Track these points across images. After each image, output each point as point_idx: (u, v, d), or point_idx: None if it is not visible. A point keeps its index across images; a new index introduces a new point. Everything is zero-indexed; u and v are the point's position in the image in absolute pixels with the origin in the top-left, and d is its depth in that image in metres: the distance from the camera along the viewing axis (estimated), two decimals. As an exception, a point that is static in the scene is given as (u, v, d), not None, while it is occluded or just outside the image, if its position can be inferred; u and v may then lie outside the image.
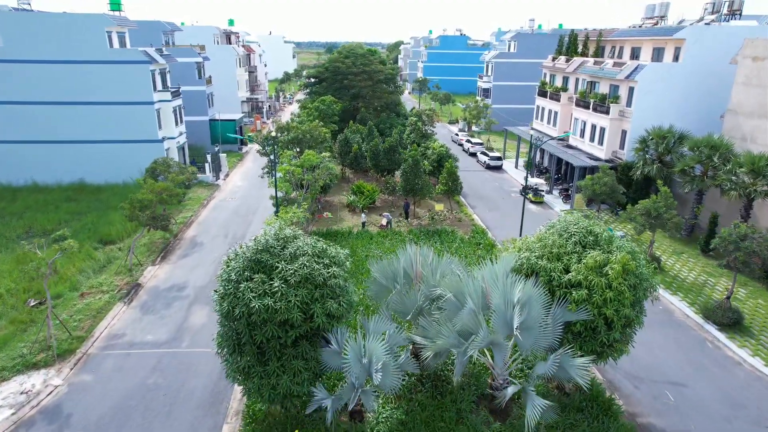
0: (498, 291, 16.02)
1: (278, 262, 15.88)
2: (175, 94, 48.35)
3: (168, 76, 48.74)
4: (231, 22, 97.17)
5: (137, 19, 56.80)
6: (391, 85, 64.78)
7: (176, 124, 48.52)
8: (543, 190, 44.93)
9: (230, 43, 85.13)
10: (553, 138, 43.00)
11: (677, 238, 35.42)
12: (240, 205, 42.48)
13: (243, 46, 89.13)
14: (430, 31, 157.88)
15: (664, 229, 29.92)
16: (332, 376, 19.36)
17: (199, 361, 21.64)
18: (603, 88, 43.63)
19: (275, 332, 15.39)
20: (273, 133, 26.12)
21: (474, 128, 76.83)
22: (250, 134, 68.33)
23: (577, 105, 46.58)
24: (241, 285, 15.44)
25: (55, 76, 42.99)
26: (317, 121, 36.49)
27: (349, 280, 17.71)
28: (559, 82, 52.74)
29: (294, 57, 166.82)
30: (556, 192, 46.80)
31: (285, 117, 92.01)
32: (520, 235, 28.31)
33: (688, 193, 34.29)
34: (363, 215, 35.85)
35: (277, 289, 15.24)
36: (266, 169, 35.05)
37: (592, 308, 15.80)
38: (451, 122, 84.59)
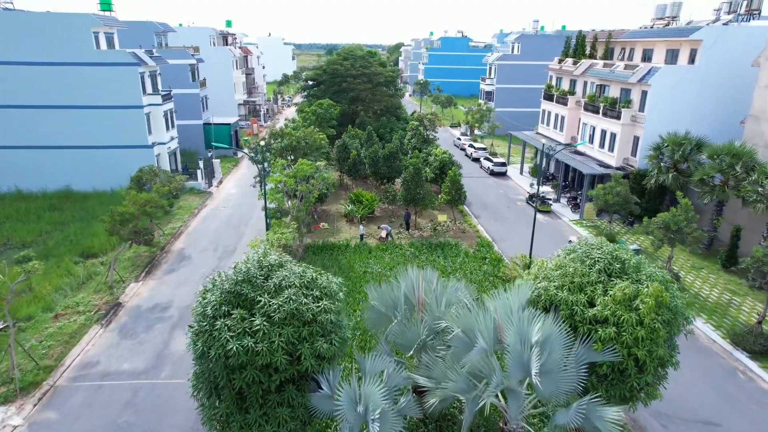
0: (513, 328, 13.96)
1: (261, 295, 13.82)
2: (166, 98, 46.37)
3: (159, 79, 46.76)
4: (229, 24, 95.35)
5: (128, 19, 54.93)
6: (392, 88, 62.80)
7: (167, 128, 46.53)
8: (551, 199, 42.87)
9: (227, 45, 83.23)
10: (566, 146, 40.78)
11: (696, 253, 33.33)
12: (232, 214, 40.44)
13: (240, 47, 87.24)
14: (431, 33, 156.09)
15: (683, 243, 27.89)
16: (323, 417, 17.28)
17: (178, 394, 19.57)
18: (613, 92, 41.60)
19: (256, 377, 13.34)
20: (262, 142, 24.11)
21: (476, 132, 74.79)
22: (246, 138, 66.41)
23: (586, 109, 44.56)
24: (218, 322, 13.39)
25: (39, 78, 41.04)
26: (312, 126, 34.40)
27: (342, 312, 15.63)
28: (566, 86, 50.72)
29: (294, 59, 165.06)
30: (564, 200, 44.74)
31: (283, 120, 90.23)
32: (531, 251, 26.26)
33: (707, 204, 32.22)
34: (361, 227, 33.81)
35: (258, 327, 13.20)
36: (257, 178, 33.02)
37: (621, 348, 13.74)
38: (453, 125, 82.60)
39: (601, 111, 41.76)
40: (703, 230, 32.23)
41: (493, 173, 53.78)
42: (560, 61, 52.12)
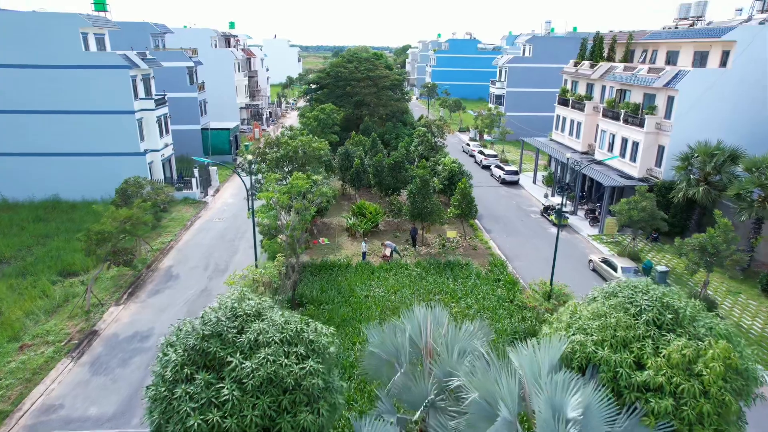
0: (543, 395, 11.25)
1: (232, 354, 11.23)
2: (160, 102, 44.00)
3: (152, 82, 44.41)
4: (232, 25, 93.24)
5: (124, 20, 52.78)
6: (398, 92, 60.19)
7: (161, 134, 44.16)
8: (567, 212, 40.02)
9: (229, 47, 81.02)
10: (596, 162, 37.69)
11: (733, 276, 30.40)
12: (228, 227, 37.94)
13: (243, 49, 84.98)
14: (439, 35, 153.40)
15: (721, 267, 25.03)
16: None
17: (148, 449, 16.97)
18: (635, 97, 38.74)
19: (224, 460, 10.74)
20: (250, 156, 21.61)
21: (486, 137, 72.01)
22: (246, 143, 64.03)
23: (605, 116, 41.71)
24: (178, 389, 10.81)
25: (24, 81, 38.80)
26: (311, 135, 31.80)
27: (334, 370, 13.00)
28: (582, 90, 47.88)
29: (299, 61, 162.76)
30: (581, 213, 41.88)
31: (287, 124, 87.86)
32: (552, 278, 23.51)
33: (744, 221, 29.31)
34: (364, 244, 31.17)
35: (227, 396, 10.61)
36: (251, 192, 30.54)
37: (680, 426, 11.00)
38: (461, 130, 79.86)
39: (621, 118, 38.92)
40: (739, 249, 29.34)
41: (504, 182, 50.99)
42: (576, 64, 49.30)
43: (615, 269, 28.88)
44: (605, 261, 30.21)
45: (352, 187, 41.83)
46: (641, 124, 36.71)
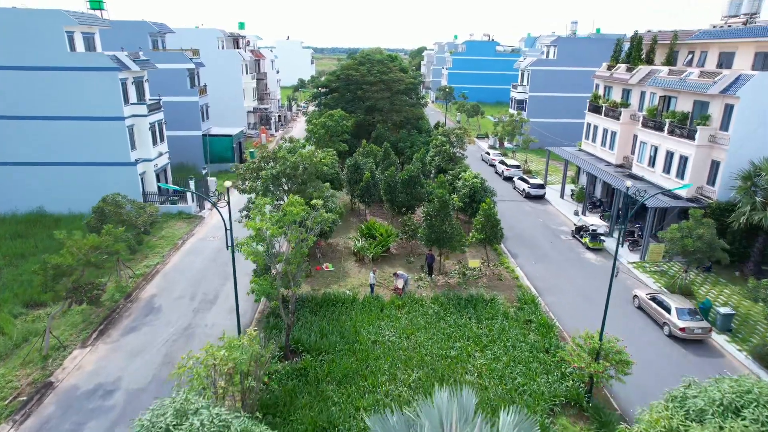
0: None
1: None
2: (154, 108, 40.41)
3: (146, 86, 40.83)
4: (242, 26, 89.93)
5: (119, 19, 49.48)
6: (413, 96, 56.08)
7: (155, 142, 40.56)
8: (602, 233, 35.48)
9: (238, 48, 77.66)
10: (664, 192, 32.86)
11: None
12: (221, 247, 34.01)
13: (251, 50, 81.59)
14: (455, 36, 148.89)
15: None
16: None
17: None
18: (683, 105, 34.16)
19: None
20: (228, 183, 17.63)
21: (506, 145, 67.53)
22: (251, 150, 60.42)
23: (645, 125, 37.15)
24: None
25: (3, 85, 35.44)
26: (313, 147, 27.72)
27: None
28: (617, 96, 43.31)
29: (312, 63, 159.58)
30: (617, 235, 37.27)
31: (297, 128, 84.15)
32: (603, 325, 19.17)
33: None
34: (372, 275, 27.01)
35: None
36: (244, 212, 26.56)
37: None
38: (479, 137, 75.38)
39: (666, 128, 34.35)
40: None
41: (529, 196, 46.53)
42: (610, 68, 44.73)
43: (668, 310, 24.40)
44: (654, 299, 25.73)
45: (361, 203, 37.77)
46: (691, 136, 32.14)
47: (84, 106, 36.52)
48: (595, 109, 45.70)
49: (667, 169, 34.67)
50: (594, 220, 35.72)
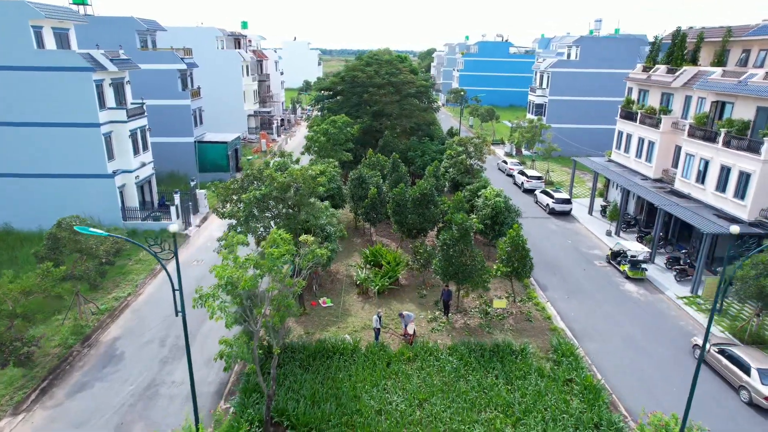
0: None
1: None
2: (136, 113, 36.14)
3: (127, 88, 36.59)
4: (244, 25, 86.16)
5: (103, 15, 45.36)
6: (425, 100, 51.47)
7: (136, 152, 36.29)
8: (644, 260, 30.61)
9: (239, 48, 73.57)
10: (719, 214, 28.03)
11: None
12: (205, 275, 29.64)
13: (254, 51, 77.47)
14: (467, 37, 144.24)
15: None
16: None
17: None
18: (742, 112, 29.31)
19: None
20: (173, 228, 13.51)
21: (524, 152, 62.77)
22: (249, 157, 56.17)
23: (692, 135, 32.32)
24: None
25: (-38, 87, 31.38)
26: (309, 163, 22.99)
27: None
28: (654, 101, 38.45)
29: (320, 64, 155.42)
30: (659, 260, 32.48)
31: (301, 133, 79.72)
32: (687, 415, 14.43)
33: None
34: (376, 319, 22.37)
35: None
36: (221, 241, 21.84)
37: None
38: (494, 143, 70.47)
39: (721, 139, 29.52)
40: None
41: (553, 212, 41.73)
42: (646, 69, 39.89)
43: (746, 370, 19.59)
44: (725, 352, 20.92)
45: (366, 221, 33.23)
46: (754, 149, 27.29)
47: (54, 110, 32.36)
48: (628, 115, 40.88)
49: (721, 187, 29.80)
50: (634, 246, 30.88)
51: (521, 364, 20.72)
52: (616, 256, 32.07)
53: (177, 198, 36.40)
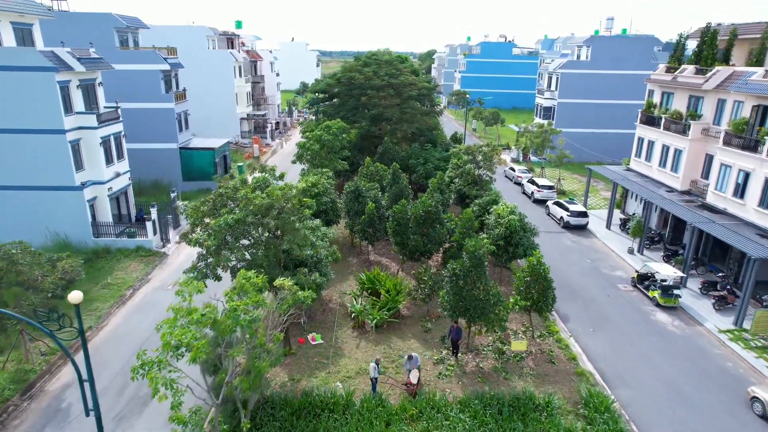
0: None
1: None
2: (109, 118, 32.66)
3: (98, 90, 33.10)
4: (239, 24, 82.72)
5: (79, 11, 41.97)
6: (427, 103, 48.02)
7: (109, 161, 32.80)
8: (677, 287, 27.02)
9: (233, 48, 70.17)
10: (763, 233, 24.64)
11: None
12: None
13: (248, 51, 74.06)
14: (469, 38, 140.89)
15: None
16: None
17: None
18: (788, 120, 25.86)
19: None
20: (76, 306, 10.33)
21: (532, 158, 59.32)
22: (240, 164, 52.67)
23: (728, 143, 28.87)
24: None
25: None
26: (290, 182, 19.29)
27: None
28: (680, 105, 34.96)
29: (318, 66, 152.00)
30: (692, 284, 28.94)
31: (296, 137, 76.23)
32: None
33: None
34: (373, 367, 18.79)
35: None
36: (190, 273, 18.17)
37: None
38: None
39: (765, 149, 26.05)
40: None
41: (568, 226, 38.22)
42: (670, 70, 36.42)
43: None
44: (791, 408, 17.40)
45: (363, 240, 29.72)
46: (806, 162, 23.82)
47: (12, 115, 28.86)
48: (650, 120, 37.42)
49: (765, 203, 26.32)
50: (664, 268, 27.33)
51: (547, 424, 17.19)
52: (644, 280, 28.56)
53: (154, 212, 32.89)
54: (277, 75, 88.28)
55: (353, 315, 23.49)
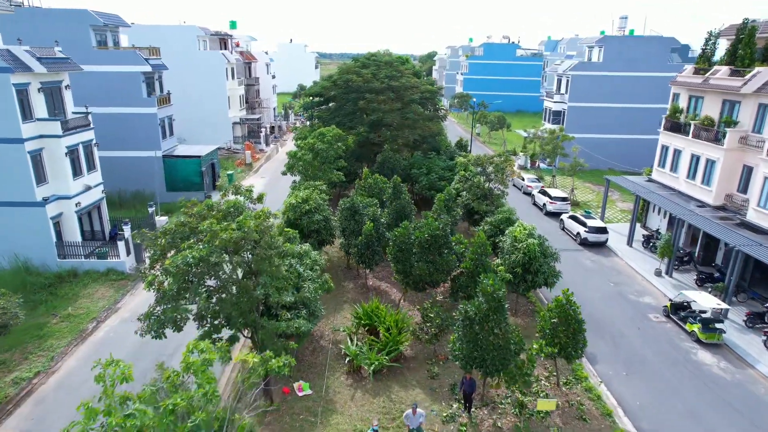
0: None
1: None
2: (77, 125, 29.29)
3: (65, 94, 29.70)
4: (233, 25, 79.38)
5: (57, 6, 38.68)
6: (430, 107, 44.68)
7: (77, 173, 29.42)
8: (719, 321, 23.55)
9: (226, 49, 66.89)
10: None
11: None
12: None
13: (241, 52, 70.78)
14: (471, 39, 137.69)
15: None
16: None
17: None
18: None
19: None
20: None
21: (540, 165, 55.95)
22: (231, 172, 49.31)
23: (772, 154, 25.49)
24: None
25: None
26: (268, 208, 15.75)
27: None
28: (712, 110, 31.59)
29: (317, 67, 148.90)
30: (734, 314, 25.47)
31: (292, 143, 72.80)
32: None
33: None
34: (374, 427, 15.38)
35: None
36: (145, 320, 14.63)
37: None
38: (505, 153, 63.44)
39: (821, 163, 22.67)
40: None
41: (585, 243, 34.80)
42: (699, 71, 33.07)
43: None
44: None
45: (359, 264, 26.30)
46: None
47: (-35, 123, 25.51)
48: (676, 127, 34.06)
49: (821, 225, 22.92)
50: (704, 298, 23.90)
51: None
52: (678, 309, 25.14)
53: (127, 229, 29.48)
54: (273, 77, 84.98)
55: (348, 357, 20.04)
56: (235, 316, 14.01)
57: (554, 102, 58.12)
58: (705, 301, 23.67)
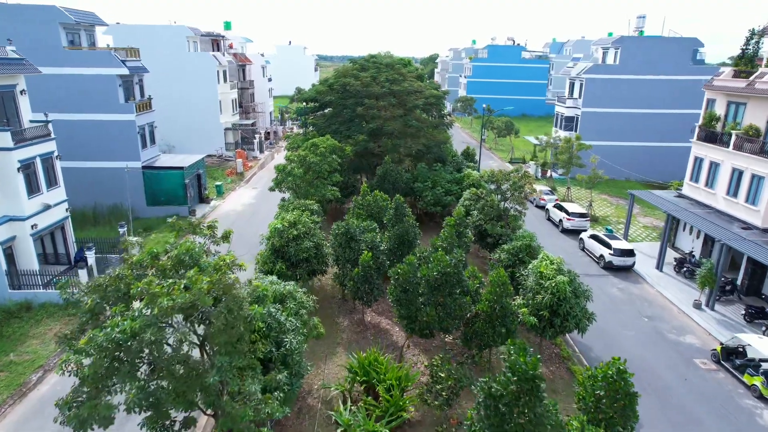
0: None
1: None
2: (33, 136, 25.60)
3: (20, 101, 26.01)
4: (227, 25, 75.94)
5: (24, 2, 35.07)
6: (435, 114, 40.95)
7: (34, 190, 25.73)
8: (781, 367, 19.83)
9: (218, 50, 63.35)
10: None
11: None
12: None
13: (234, 54, 67.15)
14: (474, 41, 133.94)
15: None
16: None
17: None
18: None
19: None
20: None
21: (552, 174, 52.18)
22: (219, 183, 45.62)
23: (838, 172, 21.70)
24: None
25: None
26: (233, 256, 12.14)
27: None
28: (757, 118, 27.83)
29: (316, 70, 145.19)
30: (796, 361, 21.65)
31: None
32: None
33: None
34: None
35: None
36: (65, 409, 11.15)
37: None
38: (513, 161, 59.76)
39: None
40: None
41: (610, 267, 31.01)
42: (740, 74, 29.36)
43: None
44: None
45: (356, 299, 22.54)
46: None
47: None
48: (712, 137, 30.35)
49: None
50: (765, 345, 20.11)
51: None
52: (731, 355, 21.36)
53: (91, 254, 25.77)
54: (270, 80, 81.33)
55: (340, 430, 16.25)
56: (181, 403, 10.31)
57: (566, 107, 54.33)
58: (766, 347, 19.89)
